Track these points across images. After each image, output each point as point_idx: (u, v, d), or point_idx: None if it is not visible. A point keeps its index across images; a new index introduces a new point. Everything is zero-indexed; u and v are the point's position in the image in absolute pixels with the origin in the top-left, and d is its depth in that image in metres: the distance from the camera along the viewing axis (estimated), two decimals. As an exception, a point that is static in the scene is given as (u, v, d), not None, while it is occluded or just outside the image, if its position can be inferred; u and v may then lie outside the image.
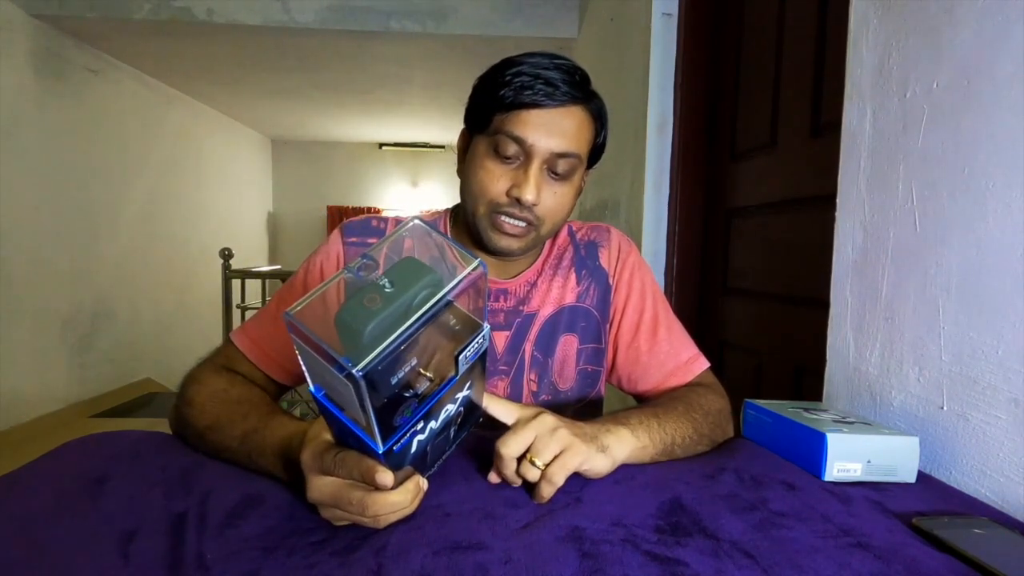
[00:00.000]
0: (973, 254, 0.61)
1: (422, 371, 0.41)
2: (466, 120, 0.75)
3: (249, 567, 0.41)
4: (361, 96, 4.67)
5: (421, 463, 0.48)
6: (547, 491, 0.52)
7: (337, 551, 0.43)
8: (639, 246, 1.67)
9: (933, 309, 0.65)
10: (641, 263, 0.84)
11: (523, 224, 0.70)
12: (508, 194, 0.69)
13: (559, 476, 0.51)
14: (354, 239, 0.80)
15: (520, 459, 0.52)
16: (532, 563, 0.42)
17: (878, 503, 0.54)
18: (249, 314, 3.12)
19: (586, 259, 0.83)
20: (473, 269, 0.40)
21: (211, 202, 5.34)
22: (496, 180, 0.69)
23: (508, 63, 0.69)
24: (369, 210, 6.79)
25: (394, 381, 0.38)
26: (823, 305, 0.85)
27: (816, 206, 1.04)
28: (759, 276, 1.33)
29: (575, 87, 0.69)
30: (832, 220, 0.83)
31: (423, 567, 0.41)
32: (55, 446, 0.62)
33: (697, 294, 1.64)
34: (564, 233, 0.85)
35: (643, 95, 1.70)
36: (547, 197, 0.70)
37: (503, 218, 0.70)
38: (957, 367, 0.62)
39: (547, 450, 0.52)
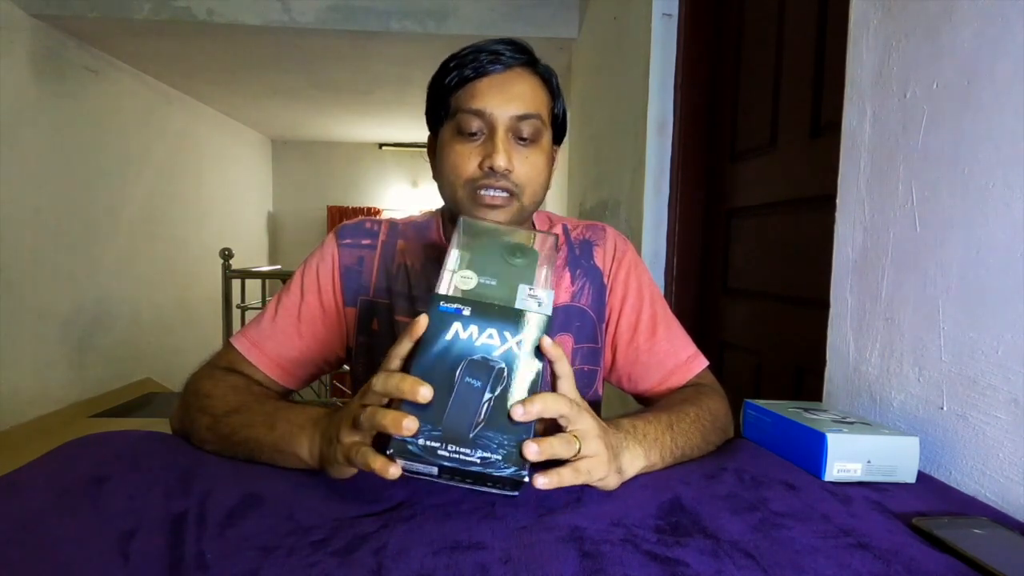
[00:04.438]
0: (973, 254, 0.61)
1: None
2: (428, 122, 0.77)
3: (249, 567, 0.41)
4: (361, 96, 4.67)
5: (443, 393, 0.46)
6: (556, 482, 0.48)
7: (337, 551, 0.43)
8: (639, 246, 1.67)
9: (933, 309, 0.65)
10: (637, 262, 0.84)
11: (504, 194, 0.71)
12: (481, 167, 0.70)
13: (572, 479, 0.49)
14: (348, 241, 0.81)
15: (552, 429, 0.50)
16: (532, 563, 0.42)
17: (878, 503, 0.54)
18: (249, 314, 3.12)
19: (580, 258, 0.82)
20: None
21: (211, 202, 5.35)
22: (467, 158, 0.70)
23: (455, 53, 0.72)
24: (369, 210, 6.80)
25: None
26: (823, 305, 0.85)
27: (816, 206, 1.04)
28: (759, 276, 1.33)
29: (518, 52, 0.71)
30: (832, 220, 0.83)
31: (423, 567, 0.41)
32: (55, 446, 0.62)
33: (697, 294, 1.64)
34: (559, 232, 0.84)
35: (643, 95, 1.70)
36: (519, 164, 0.70)
37: (482, 192, 0.70)
38: (957, 367, 0.62)
39: (587, 443, 0.50)
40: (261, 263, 6.13)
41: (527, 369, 0.48)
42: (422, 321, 0.49)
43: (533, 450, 0.46)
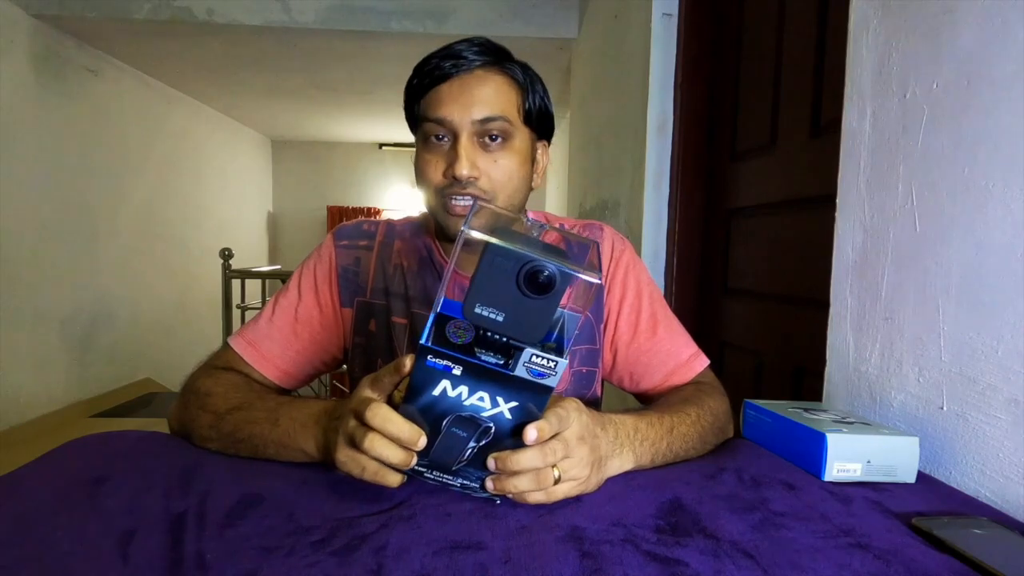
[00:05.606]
0: (973, 254, 0.61)
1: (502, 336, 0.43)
2: (409, 126, 0.77)
3: (249, 567, 0.41)
4: (361, 96, 4.67)
5: (431, 435, 0.47)
6: (536, 500, 0.50)
7: (337, 551, 0.43)
8: (639, 246, 1.67)
9: (933, 309, 0.65)
10: (635, 261, 0.84)
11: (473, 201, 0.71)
12: (446, 176, 0.69)
13: (551, 497, 0.50)
14: (345, 242, 0.81)
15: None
16: (532, 563, 0.42)
17: (878, 503, 0.54)
18: (249, 314, 3.12)
19: (578, 258, 0.82)
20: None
21: (211, 202, 5.35)
22: (434, 167, 0.70)
23: (424, 58, 0.71)
24: (369, 211, 6.80)
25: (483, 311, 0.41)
26: (823, 305, 0.84)
27: (816, 206, 1.04)
28: (759, 276, 1.33)
29: (482, 54, 0.70)
30: (832, 220, 0.83)
31: (423, 567, 0.41)
32: (55, 446, 0.62)
33: (697, 294, 1.64)
34: (555, 233, 0.84)
35: (643, 95, 1.70)
36: (487, 167, 0.70)
37: (452, 201, 0.70)
38: (957, 367, 0.62)
39: (570, 472, 0.50)
40: (261, 263, 6.13)
41: (517, 427, 0.47)
42: (407, 363, 0.46)
43: (489, 487, 0.49)
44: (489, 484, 0.49)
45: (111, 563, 0.42)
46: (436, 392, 0.45)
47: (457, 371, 0.44)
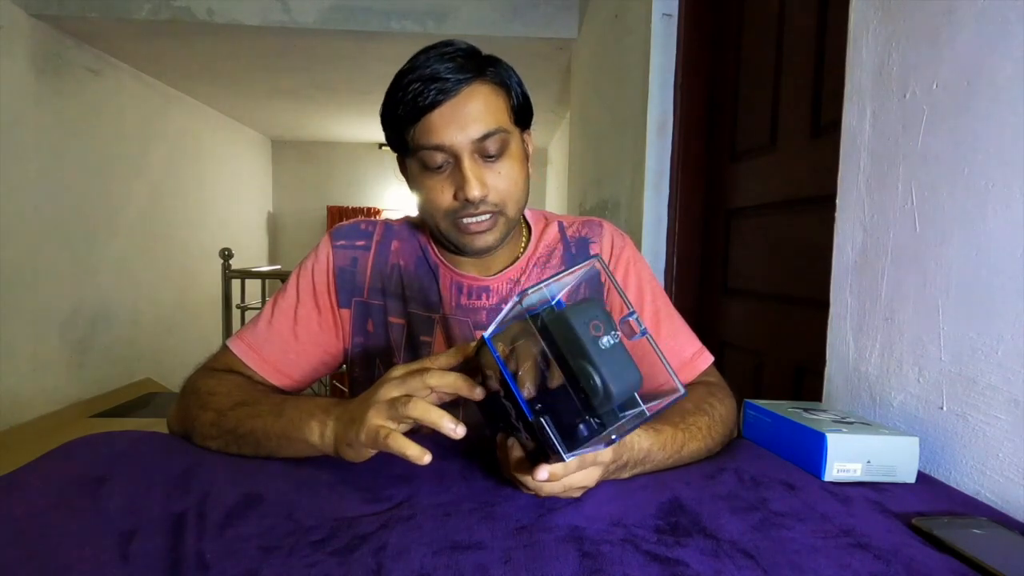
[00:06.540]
0: (973, 254, 0.61)
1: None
2: (391, 147, 0.75)
3: (249, 567, 0.41)
4: (361, 96, 4.67)
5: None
6: (527, 490, 0.53)
7: (337, 550, 0.43)
8: (639, 246, 1.67)
9: (933, 309, 0.65)
10: (636, 257, 0.83)
11: (487, 217, 0.70)
12: (456, 198, 0.69)
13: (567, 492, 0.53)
14: (342, 242, 0.81)
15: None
16: (532, 563, 0.42)
17: (878, 503, 0.54)
18: (249, 314, 3.12)
19: (577, 257, 0.81)
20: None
21: (211, 202, 5.34)
22: (440, 192, 0.70)
23: (397, 80, 0.69)
24: (368, 211, 6.80)
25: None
26: (823, 305, 0.84)
27: (816, 206, 1.04)
28: (759, 276, 1.33)
29: (461, 69, 0.68)
30: (832, 220, 0.83)
31: (423, 567, 0.41)
32: (55, 446, 0.62)
33: (697, 294, 1.64)
34: (554, 231, 0.83)
35: (643, 95, 1.70)
36: (494, 181, 0.70)
37: (465, 221, 0.70)
38: (957, 367, 0.62)
39: (568, 492, 0.53)
40: (261, 263, 6.13)
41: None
42: (473, 346, 0.51)
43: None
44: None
45: (111, 563, 0.42)
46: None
47: (498, 375, 0.46)
